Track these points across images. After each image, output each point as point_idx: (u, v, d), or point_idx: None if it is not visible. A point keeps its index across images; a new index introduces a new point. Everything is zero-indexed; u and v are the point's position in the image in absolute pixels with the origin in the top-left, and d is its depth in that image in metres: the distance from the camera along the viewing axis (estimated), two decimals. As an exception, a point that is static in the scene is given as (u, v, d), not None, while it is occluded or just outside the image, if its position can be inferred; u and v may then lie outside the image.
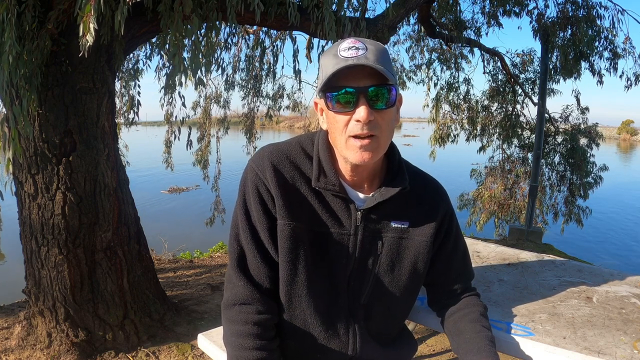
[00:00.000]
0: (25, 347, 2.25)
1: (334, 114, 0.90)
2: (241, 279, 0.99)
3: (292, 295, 1.00)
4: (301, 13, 2.38)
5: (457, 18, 5.54)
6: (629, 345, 1.07)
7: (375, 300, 1.04)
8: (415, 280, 1.06)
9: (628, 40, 5.12)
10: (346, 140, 0.91)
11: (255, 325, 0.97)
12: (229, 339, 0.99)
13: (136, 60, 4.18)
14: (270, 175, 0.96)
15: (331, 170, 0.97)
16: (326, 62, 0.90)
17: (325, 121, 0.97)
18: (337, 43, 0.92)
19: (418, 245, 1.04)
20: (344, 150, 0.93)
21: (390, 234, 1.02)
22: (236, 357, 0.96)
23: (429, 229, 1.04)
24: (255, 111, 5.80)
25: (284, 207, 0.96)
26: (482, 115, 7.11)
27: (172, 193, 11.72)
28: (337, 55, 0.87)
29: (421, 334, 2.65)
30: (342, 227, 0.99)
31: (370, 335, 1.07)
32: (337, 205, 0.99)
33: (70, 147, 2.18)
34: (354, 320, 1.04)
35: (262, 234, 0.98)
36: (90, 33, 1.48)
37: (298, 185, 0.98)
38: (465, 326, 1.05)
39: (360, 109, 0.87)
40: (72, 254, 2.22)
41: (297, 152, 1.01)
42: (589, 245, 8.15)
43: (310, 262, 0.98)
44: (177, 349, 2.37)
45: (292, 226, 0.96)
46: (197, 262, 4.19)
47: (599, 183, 6.59)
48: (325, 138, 1.01)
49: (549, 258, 1.75)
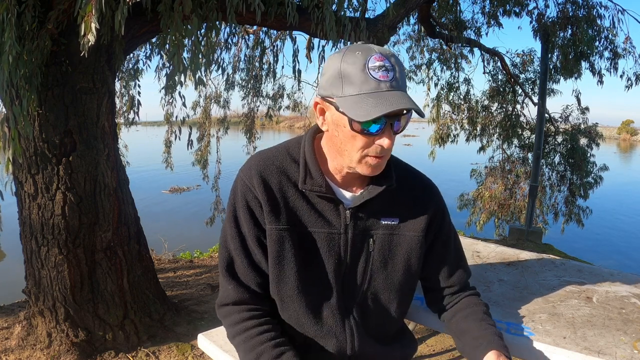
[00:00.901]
0: (25, 347, 2.25)
1: (355, 133, 0.89)
2: (230, 282, 1.01)
3: (284, 297, 1.01)
4: (302, 13, 2.38)
5: (457, 18, 5.54)
6: (629, 345, 1.07)
7: (370, 298, 1.05)
8: (410, 276, 1.07)
9: (628, 40, 5.13)
10: (360, 157, 0.92)
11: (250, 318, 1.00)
12: (232, 334, 1.02)
13: (136, 60, 4.18)
14: (258, 182, 0.98)
15: (317, 172, 0.99)
16: (352, 74, 0.87)
17: (330, 126, 0.95)
18: (358, 51, 0.88)
19: (410, 240, 1.05)
20: (354, 165, 0.94)
21: (380, 230, 1.03)
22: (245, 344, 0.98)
23: (420, 223, 1.05)
24: (255, 111, 5.80)
25: (272, 212, 0.98)
26: (482, 115, 7.11)
27: (173, 193, 11.72)
28: (367, 73, 0.86)
29: (421, 334, 2.65)
30: (332, 226, 1.00)
31: (369, 333, 1.07)
32: (325, 206, 1.00)
33: (70, 147, 2.18)
34: (350, 319, 1.04)
35: (249, 241, 1.00)
36: (92, 32, 1.48)
37: (285, 190, 0.99)
38: (470, 325, 1.05)
39: (385, 137, 0.89)
40: (72, 254, 2.22)
41: (283, 157, 1.02)
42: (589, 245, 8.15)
43: (300, 263, 1.00)
44: (177, 349, 2.37)
45: (279, 230, 0.98)
46: (197, 262, 4.19)
47: (599, 183, 6.59)
48: (311, 141, 1.02)
49: (549, 258, 1.75)
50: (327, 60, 0.94)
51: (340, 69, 0.88)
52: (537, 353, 1.09)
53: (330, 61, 0.92)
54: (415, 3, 2.82)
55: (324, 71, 0.94)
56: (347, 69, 0.87)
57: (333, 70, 0.90)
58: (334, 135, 0.95)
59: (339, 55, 0.90)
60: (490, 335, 1.00)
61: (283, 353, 0.95)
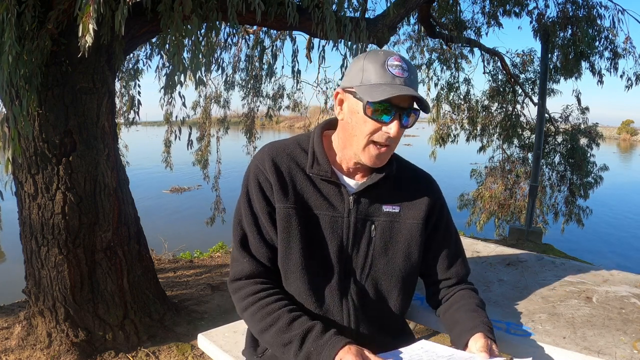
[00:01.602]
0: (25, 347, 2.25)
1: (366, 117, 0.98)
2: (245, 256, 1.07)
3: (288, 271, 1.07)
4: (302, 13, 2.38)
5: (457, 18, 5.54)
6: (629, 345, 1.07)
7: (371, 284, 1.09)
8: (409, 263, 1.11)
9: (628, 40, 5.13)
10: (366, 143, 1.01)
11: (263, 291, 1.05)
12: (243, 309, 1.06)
13: (136, 60, 4.18)
14: (269, 166, 1.06)
15: (324, 159, 1.08)
16: (372, 68, 0.98)
17: (345, 115, 1.04)
18: (380, 52, 1.01)
19: (410, 227, 1.11)
20: (359, 152, 1.03)
21: (382, 217, 1.10)
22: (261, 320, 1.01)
23: (420, 212, 1.12)
24: (255, 111, 5.80)
25: (281, 191, 1.05)
26: (482, 115, 7.11)
27: (174, 193, 11.72)
28: (386, 68, 0.97)
29: (421, 334, 2.65)
30: (336, 210, 1.07)
31: (367, 317, 1.09)
32: (330, 190, 1.08)
33: (70, 147, 2.18)
34: (348, 301, 1.07)
35: (262, 218, 1.07)
36: (89, 33, 1.48)
37: (294, 174, 1.08)
38: (462, 316, 1.07)
39: (393, 125, 0.98)
40: (72, 254, 2.22)
41: (294, 146, 1.11)
42: (589, 245, 8.15)
43: (304, 241, 1.05)
44: (177, 349, 2.37)
45: (287, 208, 1.05)
46: (197, 262, 4.19)
47: (599, 183, 6.59)
48: (319, 134, 1.12)
49: (549, 258, 1.75)
50: (353, 60, 1.07)
51: (362, 64, 1.01)
52: (537, 353, 1.09)
53: (355, 60, 1.05)
54: (415, 3, 2.82)
55: (348, 70, 1.07)
56: (368, 64, 1.00)
57: (356, 66, 1.02)
58: (347, 123, 1.04)
59: (363, 55, 1.04)
60: (479, 323, 1.02)
61: (299, 317, 1.00)
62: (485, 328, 1.01)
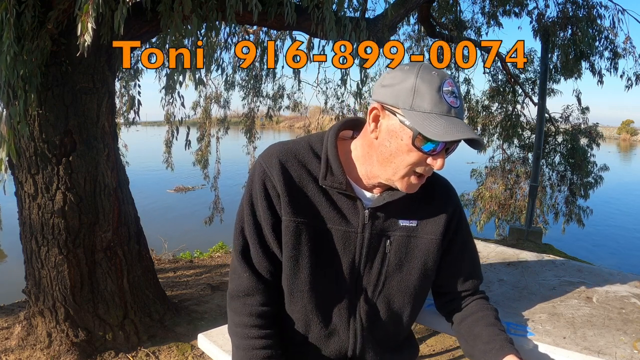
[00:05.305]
0: (25, 347, 2.25)
1: (413, 148, 0.89)
2: (245, 270, 1.00)
3: (294, 290, 1.00)
4: (302, 13, 2.38)
5: (457, 18, 5.54)
6: (629, 345, 1.07)
7: (383, 301, 1.03)
8: (424, 280, 1.05)
9: (628, 40, 5.12)
10: (406, 173, 0.92)
11: (258, 317, 1.00)
12: (234, 330, 1.02)
13: (136, 60, 4.17)
14: (277, 172, 0.96)
15: (339, 169, 0.97)
16: (427, 92, 0.87)
17: (381, 135, 0.92)
18: (434, 73, 0.89)
19: (428, 244, 1.03)
20: (394, 179, 0.94)
21: (398, 232, 1.01)
22: (241, 345, 0.99)
23: (438, 227, 1.03)
24: (255, 111, 5.80)
25: (290, 204, 0.96)
26: (482, 115, 7.11)
27: (178, 192, 11.70)
28: (441, 95, 0.87)
29: (421, 334, 2.65)
30: (349, 224, 0.99)
31: (374, 338, 1.05)
32: (344, 203, 0.99)
33: (70, 147, 2.18)
34: (356, 320, 1.03)
35: (265, 230, 0.99)
36: (88, 33, 1.48)
37: (305, 183, 0.98)
38: (482, 330, 1.04)
39: (440, 160, 0.90)
40: (72, 254, 2.22)
41: (305, 151, 1.00)
42: (589, 245, 8.14)
43: (314, 258, 0.98)
44: (177, 349, 2.37)
45: (296, 222, 0.97)
46: (197, 262, 4.19)
47: (599, 183, 6.59)
48: (334, 139, 1.00)
49: (549, 258, 1.75)
50: (395, 71, 0.92)
51: (415, 83, 0.88)
52: (537, 353, 1.09)
53: (402, 73, 0.90)
54: (415, 3, 2.82)
55: (391, 81, 0.91)
56: (421, 86, 0.87)
57: (406, 83, 0.88)
58: (383, 145, 0.92)
59: (413, 70, 0.89)
60: (502, 340, 1.00)
61: None
62: (513, 349, 0.98)
